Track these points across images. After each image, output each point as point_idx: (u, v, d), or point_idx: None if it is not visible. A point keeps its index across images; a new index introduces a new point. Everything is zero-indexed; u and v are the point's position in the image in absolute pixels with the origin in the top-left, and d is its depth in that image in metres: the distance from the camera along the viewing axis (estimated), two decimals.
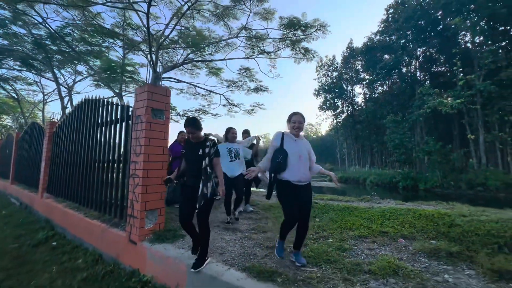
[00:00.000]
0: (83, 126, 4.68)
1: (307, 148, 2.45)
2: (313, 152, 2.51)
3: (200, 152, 2.49)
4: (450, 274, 1.99)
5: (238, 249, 2.73)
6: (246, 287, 1.92)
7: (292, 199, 2.33)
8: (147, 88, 3.18)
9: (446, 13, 21.10)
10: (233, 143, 4.00)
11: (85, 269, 3.23)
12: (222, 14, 7.05)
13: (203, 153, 2.48)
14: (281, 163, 2.33)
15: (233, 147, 3.93)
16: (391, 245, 2.56)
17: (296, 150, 2.38)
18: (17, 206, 7.79)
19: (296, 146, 2.40)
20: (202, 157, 2.45)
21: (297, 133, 2.44)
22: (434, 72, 26.12)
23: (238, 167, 3.81)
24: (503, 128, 17.76)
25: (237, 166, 3.81)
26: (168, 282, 2.49)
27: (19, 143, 9.21)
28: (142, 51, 8.14)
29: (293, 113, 2.49)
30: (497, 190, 15.91)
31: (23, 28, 7.51)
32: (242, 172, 3.65)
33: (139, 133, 3.18)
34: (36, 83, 13.21)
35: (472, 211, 2.92)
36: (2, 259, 3.70)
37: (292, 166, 2.31)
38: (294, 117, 2.44)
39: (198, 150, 2.52)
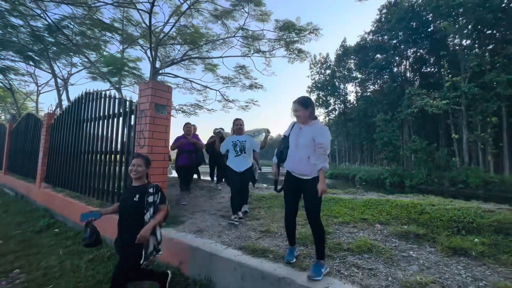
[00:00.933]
0: (85, 118, 4.86)
1: (312, 136, 2.13)
2: (323, 140, 2.08)
3: (136, 198, 2.04)
4: (415, 251, 2.35)
5: (234, 232, 3.04)
6: (242, 261, 2.23)
7: (288, 191, 2.27)
8: (151, 85, 3.42)
9: (436, 16, 21.74)
10: (240, 135, 3.79)
11: (90, 252, 3.47)
12: (221, 15, 7.25)
13: (140, 200, 2.02)
14: (282, 151, 2.31)
15: (239, 139, 3.71)
16: (368, 229, 2.92)
17: (294, 138, 2.25)
18: (12, 195, 7.86)
19: (296, 134, 2.25)
20: (139, 206, 2.01)
21: (299, 122, 2.27)
22: (423, 73, 26.92)
23: (244, 161, 3.63)
24: (485, 129, 18.62)
25: (242, 161, 3.62)
26: (172, 260, 2.78)
27: (12, 134, 9.20)
28: (141, 46, 8.25)
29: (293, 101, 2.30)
30: (477, 187, 16.79)
31: (20, 19, 7.50)
32: (249, 166, 3.61)
33: (143, 126, 3.42)
34: (30, 74, 13.08)
35: (440, 201, 3.32)
36: (8, 244, 3.91)
37: (289, 156, 2.25)
38: (293, 105, 2.27)
39: (134, 195, 2.07)
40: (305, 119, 2.22)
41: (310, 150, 2.12)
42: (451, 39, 22.06)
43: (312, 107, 2.24)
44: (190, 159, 4.68)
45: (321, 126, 2.19)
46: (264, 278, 2.06)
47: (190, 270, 2.61)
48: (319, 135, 2.10)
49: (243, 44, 8.05)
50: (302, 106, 2.20)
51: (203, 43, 8.11)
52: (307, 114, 2.21)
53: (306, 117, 2.22)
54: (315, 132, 2.12)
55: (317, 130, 2.14)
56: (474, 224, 2.59)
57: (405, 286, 1.79)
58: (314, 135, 2.11)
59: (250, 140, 3.74)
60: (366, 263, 2.16)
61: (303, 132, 2.20)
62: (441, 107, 18.12)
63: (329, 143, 2.13)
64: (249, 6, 6.76)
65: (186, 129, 4.89)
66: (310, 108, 2.22)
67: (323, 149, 2.07)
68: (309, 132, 2.16)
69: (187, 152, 4.68)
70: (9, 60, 10.32)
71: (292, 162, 2.21)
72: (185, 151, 4.68)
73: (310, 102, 2.24)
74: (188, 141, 4.74)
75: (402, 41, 25.52)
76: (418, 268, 2.04)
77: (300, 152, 2.16)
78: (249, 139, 3.73)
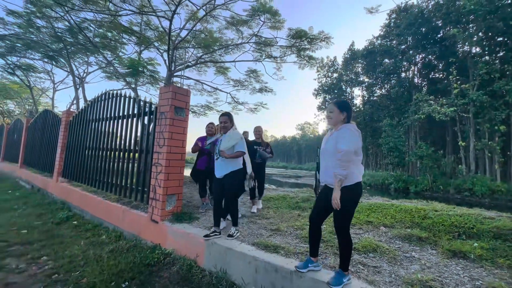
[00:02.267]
0: (104, 117, 5.11)
1: (334, 142, 2.01)
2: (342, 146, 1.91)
3: None
4: (417, 252, 2.52)
5: (246, 230, 3.24)
6: (256, 256, 2.43)
7: (318, 201, 2.16)
8: (171, 89, 3.65)
9: (446, 22, 21.67)
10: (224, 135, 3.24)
11: (110, 243, 3.72)
12: (236, 23, 7.48)
13: None
14: (318, 163, 2.23)
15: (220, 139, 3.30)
16: (373, 231, 3.09)
17: (323, 147, 2.16)
18: (28, 188, 8.20)
19: (325, 141, 2.16)
20: None
21: (330, 124, 2.15)
22: (432, 79, 26.78)
23: (222, 165, 3.07)
24: (492, 137, 18.51)
25: (221, 165, 3.07)
26: (188, 254, 2.99)
27: (29, 129, 9.57)
28: (157, 48, 8.55)
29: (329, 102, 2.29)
30: (483, 196, 16.70)
31: (44, 20, 7.85)
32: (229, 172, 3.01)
33: (163, 127, 3.65)
34: (47, 71, 13.54)
35: (443, 207, 3.47)
36: (33, 233, 4.17)
37: (320, 166, 2.15)
38: (328, 106, 2.14)
39: None
40: (336, 122, 2.07)
41: (335, 157, 1.95)
42: (460, 45, 21.98)
43: (348, 112, 2.07)
44: (209, 162, 4.23)
45: (345, 130, 1.99)
46: (276, 271, 2.25)
47: (206, 263, 2.81)
48: (340, 140, 1.95)
49: (255, 50, 8.28)
50: (338, 108, 2.07)
51: (217, 47, 8.37)
52: (341, 118, 2.06)
53: (338, 121, 2.07)
54: (338, 137, 1.98)
55: (340, 134, 1.98)
56: (474, 229, 2.74)
57: (407, 282, 1.96)
58: (337, 141, 1.97)
59: (224, 140, 3.11)
60: (371, 262, 2.34)
61: (329, 139, 2.08)
62: (448, 114, 18.07)
63: (350, 149, 1.88)
64: (265, 15, 6.99)
65: (207, 129, 4.57)
66: (345, 113, 2.06)
67: (340, 155, 1.88)
68: (335, 137, 2.02)
69: (207, 155, 4.29)
70: (28, 58, 10.78)
71: (323, 172, 2.10)
72: (205, 153, 4.31)
73: (347, 107, 2.08)
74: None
75: (410, 46, 25.46)
76: (419, 268, 2.21)
77: (325, 160, 2.06)
78: (225, 138, 3.13)
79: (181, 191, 3.77)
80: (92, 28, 8.04)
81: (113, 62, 8.09)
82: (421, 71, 27.13)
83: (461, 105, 18.46)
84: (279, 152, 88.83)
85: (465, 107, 18.84)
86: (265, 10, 6.77)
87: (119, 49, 8.93)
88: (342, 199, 1.89)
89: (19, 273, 2.91)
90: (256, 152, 4.39)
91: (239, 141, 3.09)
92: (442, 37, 23.20)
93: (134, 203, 4.28)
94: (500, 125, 17.49)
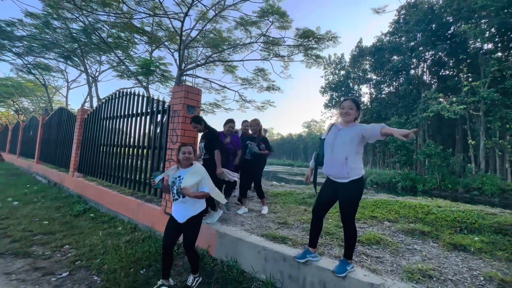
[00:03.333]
0: (119, 114, 5.34)
1: (351, 136, 2.07)
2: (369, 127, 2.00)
3: None
4: (419, 245, 2.64)
5: (255, 223, 3.41)
6: (266, 246, 2.59)
7: (322, 194, 2.25)
8: (183, 88, 3.82)
9: (457, 18, 21.25)
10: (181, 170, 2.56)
11: (126, 234, 3.94)
12: (245, 23, 7.63)
13: None
14: (319, 154, 2.27)
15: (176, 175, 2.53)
16: (378, 226, 3.21)
17: (330, 140, 2.19)
18: (45, 183, 8.57)
19: (333, 136, 2.18)
20: None
21: (343, 120, 2.19)
22: (441, 76, 26.33)
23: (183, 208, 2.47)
24: (503, 136, 18.17)
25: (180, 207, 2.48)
26: (201, 244, 3.17)
27: (45, 126, 9.95)
28: (168, 48, 8.78)
29: (344, 98, 2.27)
30: (493, 195, 16.46)
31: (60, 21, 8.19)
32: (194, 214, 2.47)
33: (176, 125, 3.83)
34: (61, 70, 14.02)
35: (447, 204, 3.55)
36: (53, 224, 4.44)
37: (325, 159, 2.20)
38: (343, 102, 2.19)
39: None
40: (351, 119, 2.15)
41: (349, 150, 2.06)
42: (471, 42, 21.53)
43: (361, 112, 2.20)
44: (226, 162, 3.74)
45: (361, 127, 2.08)
46: (285, 260, 2.40)
47: (217, 253, 2.99)
48: (366, 128, 2.03)
49: (263, 49, 8.41)
50: (356, 105, 2.14)
51: (226, 47, 8.54)
52: (357, 115, 2.16)
53: (353, 118, 2.15)
54: (361, 130, 2.04)
55: (361, 128, 2.06)
56: (476, 224, 2.84)
57: (407, 271, 2.09)
58: (360, 132, 2.04)
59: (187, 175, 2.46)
60: (374, 253, 2.47)
61: (341, 133, 2.14)
62: (458, 112, 17.81)
63: None
64: (273, 16, 7.11)
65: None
66: (359, 111, 2.17)
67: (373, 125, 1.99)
68: (349, 131, 2.09)
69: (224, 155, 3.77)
70: (44, 58, 11.20)
71: (329, 164, 2.15)
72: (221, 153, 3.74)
73: (360, 106, 2.21)
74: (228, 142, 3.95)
75: (420, 43, 25.06)
76: (420, 259, 2.33)
77: (336, 153, 2.10)
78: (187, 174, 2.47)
79: None
80: (105, 29, 8.34)
81: (125, 61, 8.37)
82: (430, 68, 26.69)
83: (471, 103, 18.16)
84: (285, 149, 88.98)
85: (475, 105, 18.53)
86: (273, 12, 6.89)
87: (131, 48, 9.22)
88: (350, 192, 2.05)
89: (45, 259, 3.15)
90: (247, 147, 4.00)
91: (205, 178, 2.53)
92: (452, 33, 22.77)
93: (147, 197, 4.50)
94: (511, 123, 17.16)
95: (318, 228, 2.30)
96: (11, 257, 3.16)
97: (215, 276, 2.67)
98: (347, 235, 2.14)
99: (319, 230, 2.31)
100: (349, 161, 2.05)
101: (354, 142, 2.07)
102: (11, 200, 5.98)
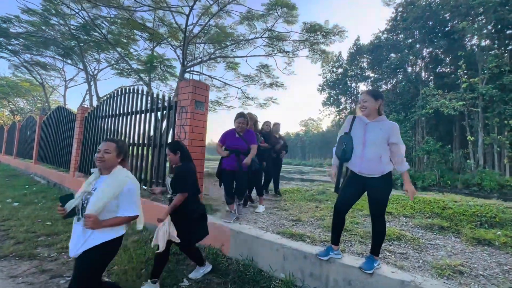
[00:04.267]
0: (121, 112, 5.21)
1: (383, 134, 2.00)
2: (399, 140, 2.01)
3: None
4: (441, 240, 2.57)
5: (268, 220, 3.32)
6: (284, 243, 2.50)
7: (347, 190, 2.12)
8: (191, 83, 3.71)
9: (454, 15, 21.31)
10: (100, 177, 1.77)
11: (133, 234, 3.83)
12: (252, 17, 7.50)
13: None
14: (345, 150, 2.09)
15: (90, 188, 1.72)
16: (394, 221, 3.14)
17: (359, 135, 2.08)
18: (44, 183, 8.39)
19: (362, 130, 2.08)
20: None
21: (364, 114, 2.11)
22: (439, 73, 26.42)
23: (81, 235, 1.62)
24: (502, 132, 18.29)
25: (80, 234, 1.63)
26: (214, 243, 3.08)
27: (43, 126, 9.75)
28: (170, 45, 8.62)
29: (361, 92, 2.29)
30: (492, 191, 16.58)
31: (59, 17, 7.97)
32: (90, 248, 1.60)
33: (184, 121, 3.73)
34: (59, 69, 13.76)
35: (462, 198, 3.50)
36: (57, 225, 4.30)
37: (355, 155, 2.06)
38: (361, 96, 2.14)
39: None
40: (372, 111, 2.07)
41: (382, 149, 2.00)
42: (468, 39, 21.61)
43: (382, 100, 2.09)
44: (237, 161, 3.37)
45: (393, 125, 2.04)
46: (305, 257, 2.32)
47: (232, 251, 2.90)
48: (394, 135, 2.00)
49: (268, 44, 8.29)
50: (372, 97, 2.06)
51: (230, 43, 8.41)
52: (376, 106, 2.07)
53: (373, 110, 2.07)
54: (389, 132, 2.00)
55: (389, 129, 2.01)
56: (496, 218, 2.78)
57: (436, 267, 2.01)
58: (388, 134, 2.00)
59: (99, 190, 1.64)
60: (397, 249, 2.40)
61: (370, 128, 2.05)
62: (457, 108, 17.88)
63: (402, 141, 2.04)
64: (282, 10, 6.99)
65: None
66: (380, 100, 2.08)
67: (401, 149, 2.02)
68: (379, 129, 2.02)
69: (235, 153, 3.42)
70: (41, 56, 10.96)
71: (361, 161, 2.03)
72: (233, 150, 3.43)
73: (380, 95, 2.11)
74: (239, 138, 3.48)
75: (418, 40, 25.12)
76: (446, 254, 2.26)
77: (370, 151, 2.00)
78: (100, 187, 1.66)
79: (201, 183, 3.85)
80: (105, 25, 8.14)
81: (126, 58, 8.20)
82: (428, 65, 26.78)
83: (470, 99, 18.24)
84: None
85: (473, 101, 18.61)
86: (283, 4, 6.76)
87: (131, 45, 9.04)
88: (382, 187, 2.01)
89: (51, 261, 3.03)
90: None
91: (126, 193, 1.68)
92: (450, 30, 22.84)
93: (154, 196, 4.38)
94: (510, 119, 17.26)
95: (341, 225, 2.21)
96: (16, 259, 3.03)
97: (231, 276, 2.58)
98: (377, 231, 2.06)
99: (342, 226, 2.22)
100: (383, 159, 2.00)
101: (384, 143, 2.03)
102: (10, 201, 5.82)
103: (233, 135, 3.48)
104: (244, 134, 3.47)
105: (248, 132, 3.52)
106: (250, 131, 3.57)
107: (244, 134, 3.47)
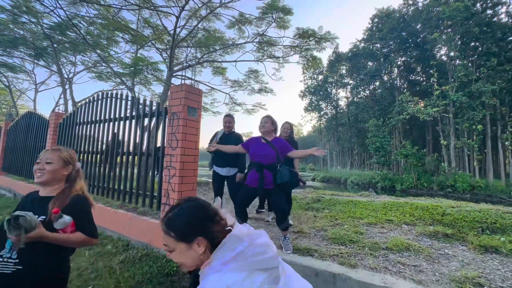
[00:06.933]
0: (103, 118, 4.81)
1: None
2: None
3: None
4: (449, 249, 2.53)
5: (269, 233, 3.12)
6: (293, 260, 2.33)
7: None
8: (184, 88, 3.47)
9: (426, 27, 22.76)
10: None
11: (118, 253, 3.46)
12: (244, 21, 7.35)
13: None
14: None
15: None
16: (397, 230, 3.09)
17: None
18: (10, 197, 7.58)
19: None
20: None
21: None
22: (411, 81, 28.00)
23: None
24: (471, 136, 19.58)
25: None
26: None
27: (9, 133, 8.88)
28: (156, 48, 8.20)
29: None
30: (464, 191, 17.61)
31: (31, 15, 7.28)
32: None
33: (175, 128, 3.46)
34: (28, 72, 12.63)
35: (458, 204, 3.55)
36: None
37: None
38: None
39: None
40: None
41: None
42: (437, 49, 23.14)
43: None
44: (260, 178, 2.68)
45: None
46: (317, 275, 2.16)
47: None
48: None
49: (258, 49, 8.18)
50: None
51: (219, 47, 8.19)
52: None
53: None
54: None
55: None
56: (497, 224, 2.81)
57: (454, 280, 1.94)
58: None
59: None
60: (408, 261, 2.31)
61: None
62: (432, 114, 18.93)
63: None
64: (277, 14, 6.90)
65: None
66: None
67: None
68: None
69: (257, 168, 2.75)
70: (7, 56, 10.00)
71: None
72: (255, 163, 2.79)
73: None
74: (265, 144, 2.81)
75: (393, 49, 26.48)
76: (458, 265, 2.21)
77: None
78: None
79: (195, 195, 3.59)
80: (83, 25, 7.58)
81: (106, 60, 7.67)
82: (401, 73, 28.27)
83: (442, 105, 19.40)
84: None
85: (445, 108, 19.81)
86: (279, 9, 6.68)
87: (111, 47, 8.52)
88: None
89: None
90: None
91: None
92: (421, 41, 24.33)
93: (140, 209, 4.04)
94: (477, 124, 18.54)
95: None
96: None
97: None
98: None
99: None
100: None
101: None
102: None
103: (258, 141, 2.87)
104: (272, 140, 2.82)
105: (277, 139, 2.86)
106: (279, 138, 2.94)
107: (273, 140, 2.83)
